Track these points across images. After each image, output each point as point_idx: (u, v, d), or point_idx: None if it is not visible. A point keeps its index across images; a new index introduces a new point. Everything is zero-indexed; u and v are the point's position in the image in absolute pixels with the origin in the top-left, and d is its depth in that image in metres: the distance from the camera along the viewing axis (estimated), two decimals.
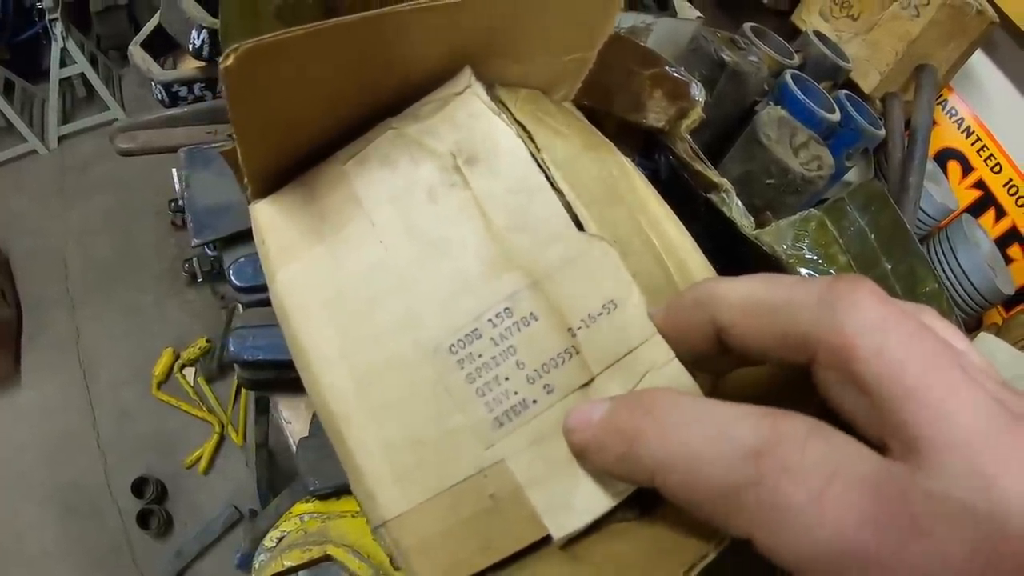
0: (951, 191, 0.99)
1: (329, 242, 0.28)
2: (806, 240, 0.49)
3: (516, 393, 0.24)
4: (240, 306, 0.56)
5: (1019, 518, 0.15)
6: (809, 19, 0.82)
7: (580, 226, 0.28)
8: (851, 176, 0.79)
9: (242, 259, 0.55)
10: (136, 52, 0.71)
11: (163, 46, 0.78)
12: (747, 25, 0.70)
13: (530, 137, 0.33)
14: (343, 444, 0.25)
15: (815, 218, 0.49)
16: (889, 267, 0.50)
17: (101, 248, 1.90)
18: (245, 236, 0.58)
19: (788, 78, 0.62)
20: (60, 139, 2.13)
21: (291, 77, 0.28)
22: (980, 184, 0.99)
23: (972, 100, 0.96)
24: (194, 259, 1.83)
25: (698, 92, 0.43)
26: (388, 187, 0.29)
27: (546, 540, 0.23)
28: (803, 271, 0.49)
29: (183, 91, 0.70)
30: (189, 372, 1.69)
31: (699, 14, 0.83)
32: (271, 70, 0.26)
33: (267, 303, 0.53)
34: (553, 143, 0.34)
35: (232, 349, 0.51)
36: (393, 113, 0.32)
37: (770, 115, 0.55)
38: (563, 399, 0.25)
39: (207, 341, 1.69)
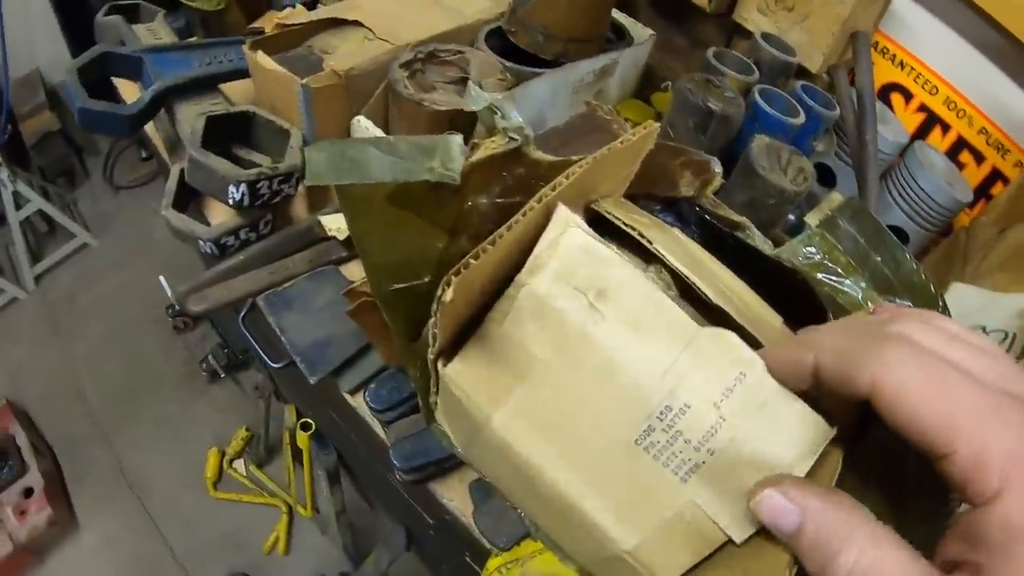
0: (899, 122, 1.10)
1: (522, 386, 0.39)
2: (813, 250, 0.60)
3: (690, 459, 0.35)
4: (378, 422, 0.63)
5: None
6: (749, 16, 0.90)
7: (701, 301, 0.39)
8: (819, 146, 0.89)
9: (372, 386, 0.63)
10: (172, 216, 0.77)
11: (183, 201, 0.84)
12: (710, 52, 0.79)
13: (640, 234, 0.44)
14: (570, 507, 0.37)
15: (816, 233, 0.60)
16: (878, 259, 0.60)
17: (113, 372, 1.93)
18: (351, 362, 0.66)
19: (757, 97, 0.72)
20: (37, 279, 2.15)
21: (475, 287, 0.39)
22: (923, 107, 1.11)
23: (899, 36, 1.07)
24: (209, 357, 1.89)
25: (717, 165, 0.53)
26: (548, 335, 0.39)
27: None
28: (818, 275, 0.60)
29: (230, 240, 0.77)
30: (239, 464, 1.75)
31: (651, 32, 0.92)
32: (466, 287, 0.36)
33: (401, 417, 0.62)
34: (652, 233, 0.45)
35: (399, 463, 0.59)
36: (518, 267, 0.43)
37: (759, 146, 0.65)
38: (722, 453, 0.35)
39: (247, 430, 1.75)
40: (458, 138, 0.45)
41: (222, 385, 1.91)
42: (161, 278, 2.00)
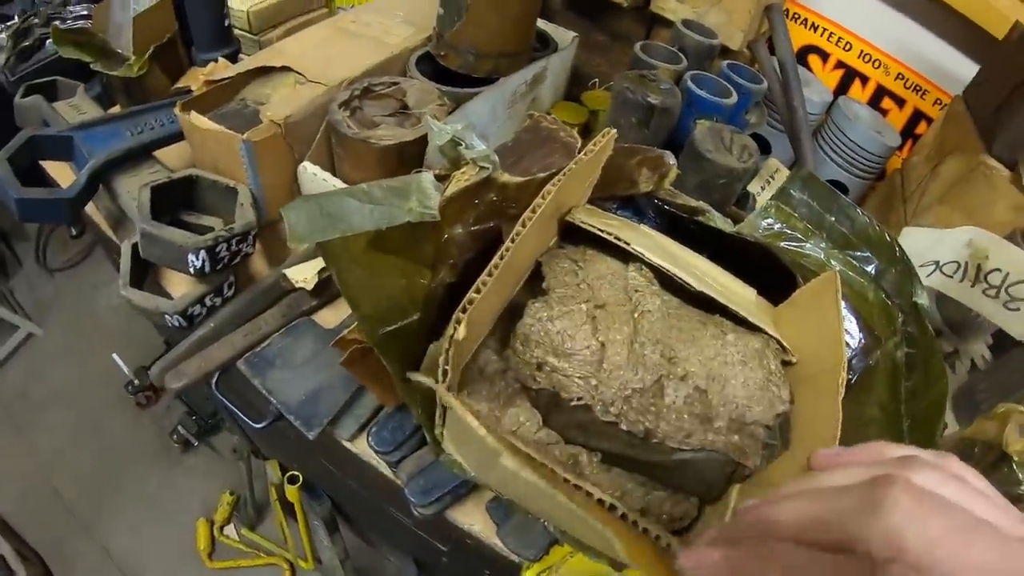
0: (821, 82, 1.15)
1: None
2: (772, 220, 0.63)
3: None
4: (387, 465, 0.63)
5: None
6: (666, 5, 0.93)
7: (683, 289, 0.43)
8: (751, 119, 0.92)
9: (374, 428, 0.62)
10: (133, 296, 0.75)
11: (140, 277, 0.82)
12: (638, 46, 0.81)
13: (616, 237, 0.46)
14: (584, 521, 0.39)
15: (772, 206, 0.62)
16: (832, 219, 0.63)
17: (84, 461, 1.87)
18: (345, 409, 0.66)
19: (689, 83, 0.74)
20: None
21: (484, 319, 0.41)
22: (840, 64, 1.16)
23: (808, 1, 1.12)
24: (178, 427, 1.85)
25: (671, 158, 0.55)
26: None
27: None
28: (781, 243, 0.62)
29: (197, 309, 0.76)
30: (230, 530, 1.71)
31: (573, 34, 0.94)
32: (475, 320, 0.37)
33: (407, 455, 0.62)
34: (626, 234, 0.47)
35: (417, 500, 0.59)
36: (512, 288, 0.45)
37: (702, 130, 0.67)
38: None
39: (231, 494, 1.71)
40: (430, 175, 0.46)
41: (197, 453, 1.87)
42: (115, 356, 1.95)
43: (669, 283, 0.51)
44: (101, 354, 1.94)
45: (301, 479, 1.24)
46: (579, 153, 0.47)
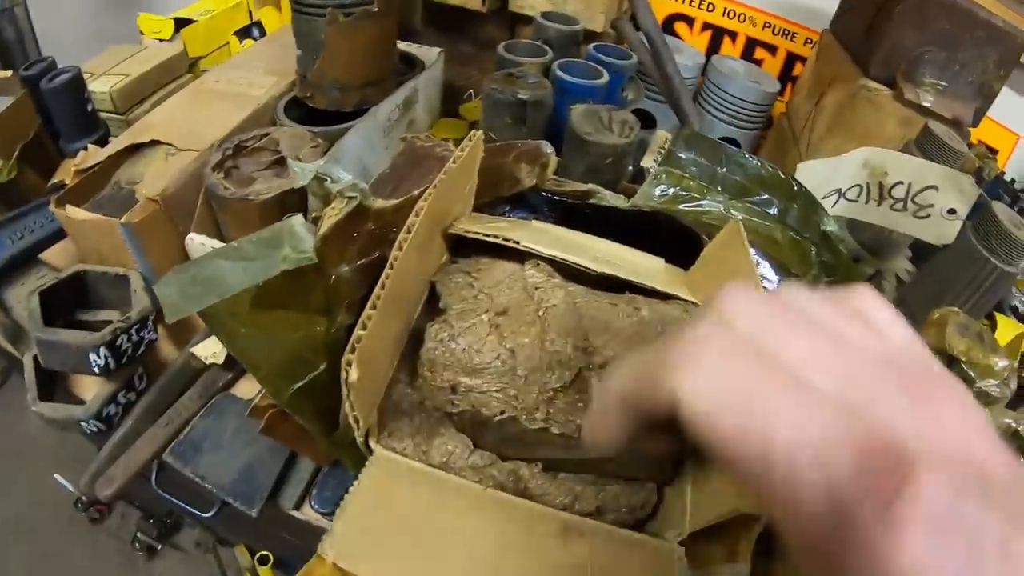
0: (691, 46, 1.17)
1: None
2: (664, 187, 0.63)
3: None
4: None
5: None
6: (524, 2, 0.93)
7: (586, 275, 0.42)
8: (629, 95, 0.93)
9: (314, 491, 0.60)
10: (44, 409, 0.71)
11: (48, 387, 0.78)
12: (501, 46, 0.81)
13: (504, 239, 0.45)
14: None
15: (661, 171, 0.62)
16: (724, 170, 0.64)
17: None
18: (283, 477, 0.63)
19: (557, 72, 0.74)
20: None
21: (377, 354, 0.39)
22: (707, 26, 1.18)
23: None
24: (137, 534, 1.77)
25: (547, 146, 0.55)
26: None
27: None
28: (680, 206, 0.62)
29: (111, 409, 0.72)
30: None
31: (438, 49, 0.93)
32: (368, 358, 0.36)
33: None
34: (515, 233, 0.46)
35: None
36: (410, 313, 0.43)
37: (577, 115, 0.67)
38: None
39: None
40: (298, 217, 0.44)
41: (163, 556, 1.79)
42: (57, 476, 1.85)
43: (573, 274, 0.50)
44: (44, 476, 1.84)
45: (271, 558, 1.20)
46: (450, 162, 0.46)
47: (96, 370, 0.70)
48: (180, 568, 1.78)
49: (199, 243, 0.73)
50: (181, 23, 1.16)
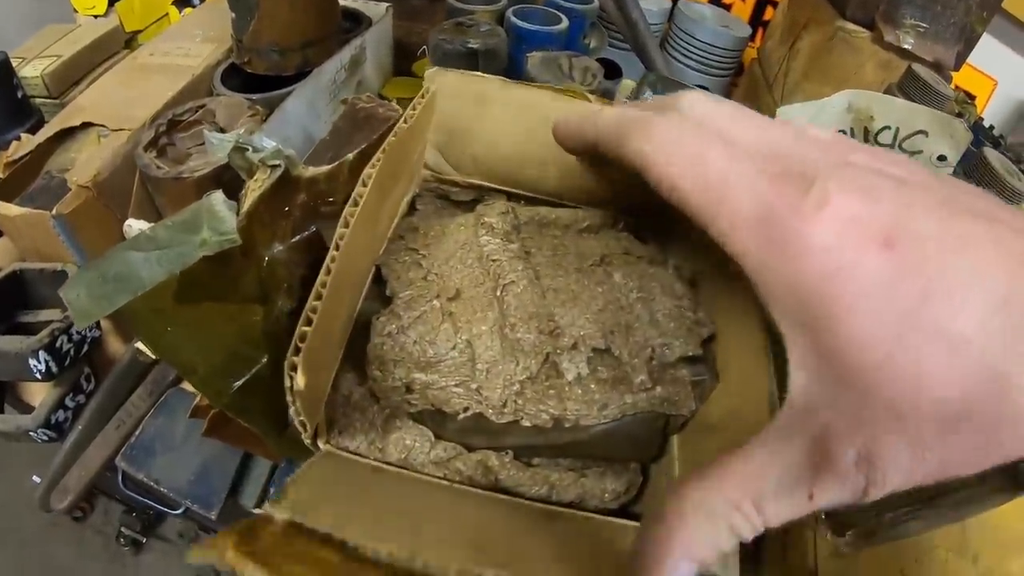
0: None
1: None
2: None
3: None
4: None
5: None
6: None
7: None
8: (592, 43, 0.87)
9: (272, 489, 0.56)
10: None
11: None
12: None
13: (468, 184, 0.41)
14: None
15: None
16: None
17: None
18: (241, 475, 0.59)
19: (513, 19, 0.69)
20: None
21: (322, 353, 0.34)
22: None
23: None
24: (121, 529, 1.73)
25: None
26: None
27: None
28: None
29: (60, 415, 0.67)
30: None
31: (386, 4, 0.87)
32: (313, 359, 0.31)
33: None
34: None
35: None
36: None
37: (534, 63, 0.61)
38: None
39: None
40: (218, 194, 0.38)
41: (150, 549, 1.75)
42: (35, 477, 1.80)
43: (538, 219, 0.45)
44: (20, 479, 1.79)
45: None
46: (400, 122, 0.41)
47: (38, 376, 0.65)
48: (167, 560, 1.75)
49: (138, 229, 0.67)
50: None
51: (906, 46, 0.77)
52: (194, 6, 1.11)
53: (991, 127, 0.96)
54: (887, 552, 0.44)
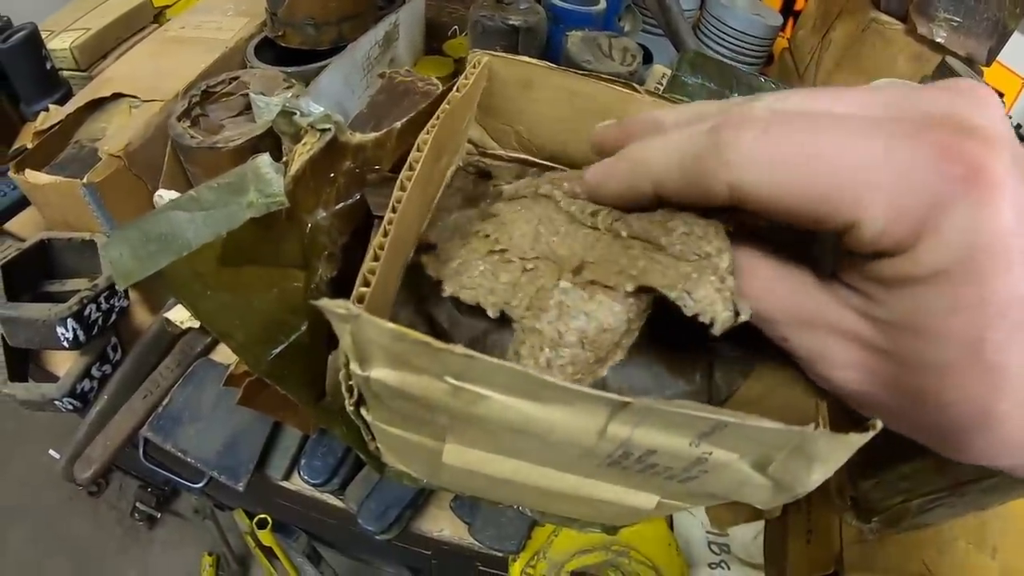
0: None
1: (449, 436, 0.34)
2: None
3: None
4: (329, 494, 0.56)
5: None
6: None
7: None
8: (626, 26, 0.86)
9: (303, 461, 0.56)
10: (16, 391, 0.67)
11: (19, 366, 0.73)
12: None
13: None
14: (572, 496, 0.32)
15: (665, 99, 0.57)
16: (735, 94, 0.58)
17: (55, 569, 1.75)
18: (269, 447, 0.59)
19: None
20: None
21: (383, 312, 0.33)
22: None
23: None
24: (137, 504, 1.74)
25: None
26: (430, 413, 0.34)
27: None
28: None
29: (86, 385, 0.67)
30: None
31: None
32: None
33: (349, 479, 0.55)
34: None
35: (373, 527, 0.52)
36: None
37: (574, 42, 0.61)
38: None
39: (210, 555, 1.63)
40: (265, 157, 0.38)
41: (164, 524, 1.77)
42: (52, 452, 1.83)
43: None
44: (39, 453, 1.81)
45: (270, 521, 1.17)
46: (454, 91, 0.40)
47: (66, 344, 0.65)
48: (181, 534, 1.76)
49: (169, 199, 0.67)
50: None
51: (939, 39, 0.76)
52: None
53: (1018, 126, 0.95)
54: (910, 541, 0.44)
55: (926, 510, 0.40)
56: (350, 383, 0.32)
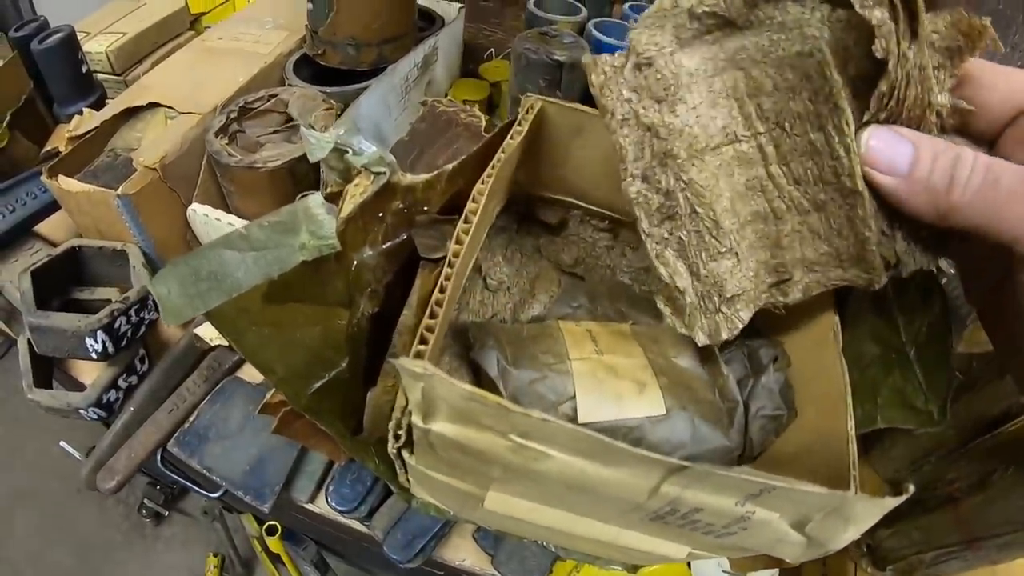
0: None
1: (494, 486, 0.34)
2: None
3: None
4: (355, 520, 0.56)
5: None
6: None
7: None
8: None
9: (331, 487, 0.56)
10: (41, 397, 0.67)
11: (44, 373, 0.73)
12: (531, 2, 0.74)
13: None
14: (601, 542, 0.32)
15: None
16: None
17: (60, 560, 1.75)
18: (296, 468, 0.59)
19: (594, 32, 0.68)
20: None
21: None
22: None
23: None
24: (144, 501, 1.75)
25: None
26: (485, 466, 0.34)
27: None
28: None
29: (112, 395, 0.67)
30: None
31: (459, 4, 0.86)
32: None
33: (376, 508, 0.55)
34: None
35: (399, 557, 0.52)
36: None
37: None
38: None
39: (215, 555, 1.63)
40: (318, 197, 0.38)
41: (170, 522, 1.78)
42: (62, 443, 1.83)
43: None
44: (50, 444, 1.82)
45: (280, 528, 1.17)
46: (508, 139, 0.40)
47: (94, 356, 0.65)
48: (187, 534, 1.77)
49: (202, 215, 0.68)
50: None
51: None
52: None
53: None
54: None
55: (940, 562, 0.40)
56: (399, 431, 0.32)
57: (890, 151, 0.26)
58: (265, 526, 1.18)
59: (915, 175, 0.25)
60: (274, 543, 1.18)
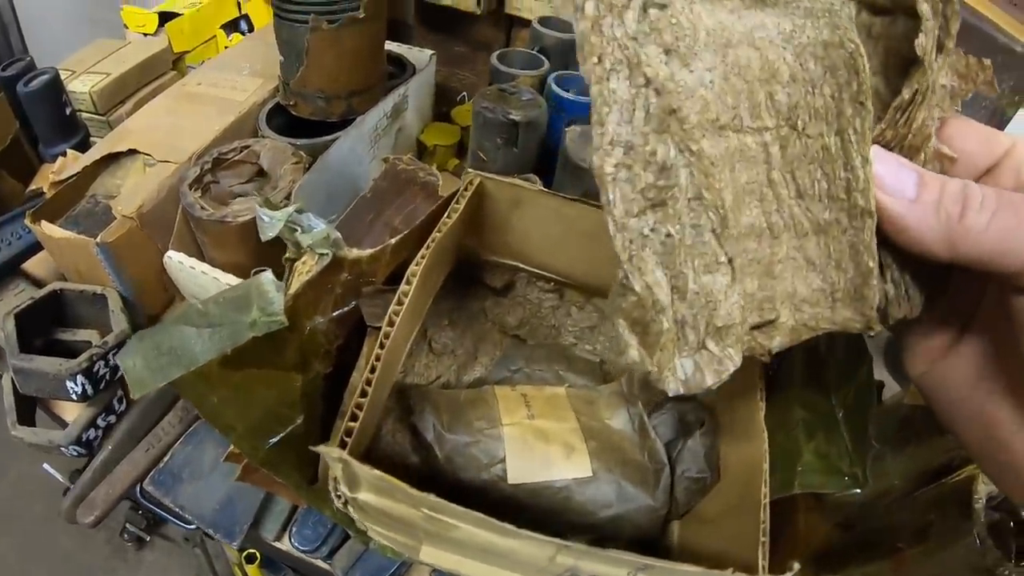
0: None
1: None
2: None
3: None
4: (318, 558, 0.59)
5: None
6: (521, 5, 0.88)
7: None
8: None
9: (294, 528, 0.58)
10: (24, 434, 0.69)
11: (27, 410, 0.76)
12: (494, 56, 0.77)
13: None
14: None
15: None
16: None
17: None
18: (266, 508, 0.61)
19: (554, 87, 0.71)
20: None
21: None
22: None
23: None
24: (126, 525, 1.76)
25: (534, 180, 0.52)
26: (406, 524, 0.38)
27: None
28: None
29: (91, 433, 0.70)
30: None
31: (430, 52, 0.89)
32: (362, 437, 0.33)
33: (337, 547, 0.58)
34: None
35: None
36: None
37: (572, 139, 0.63)
38: None
39: None
40: (268, 275, 0.41)
41: (152, 547, 1.79)
42: (45, 465, 1.84)
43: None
44: (32, 466, 1.83)
45: (258, 556, 1.19)
46: (445, 216, 0.43)
47: (74, 397, 0.68)
48: (169, 559, 1.78)
49: (178, 261, 0.70)
50: (166, 17, 1.12)
51: None
52: (243, 32, 1.15)
53: None
54: None
55: None
56: (337, 494, 0.36)
57: (894, 176, 0.24)
58: (245, 554, 1.19)
59: (925, 197, 0.23)
60: (253, 571, 1.20)
